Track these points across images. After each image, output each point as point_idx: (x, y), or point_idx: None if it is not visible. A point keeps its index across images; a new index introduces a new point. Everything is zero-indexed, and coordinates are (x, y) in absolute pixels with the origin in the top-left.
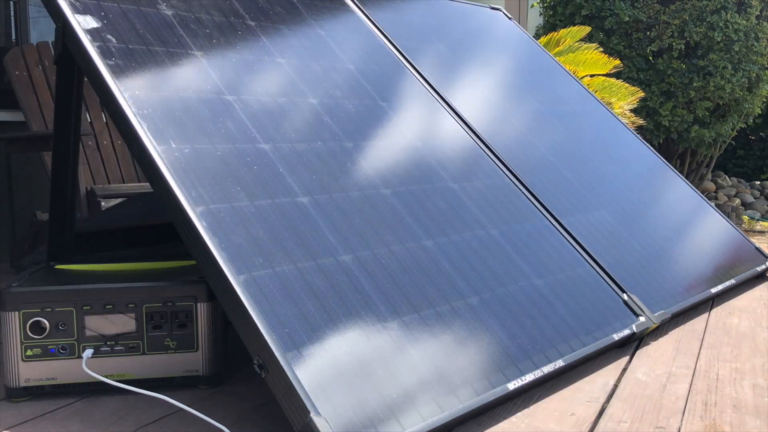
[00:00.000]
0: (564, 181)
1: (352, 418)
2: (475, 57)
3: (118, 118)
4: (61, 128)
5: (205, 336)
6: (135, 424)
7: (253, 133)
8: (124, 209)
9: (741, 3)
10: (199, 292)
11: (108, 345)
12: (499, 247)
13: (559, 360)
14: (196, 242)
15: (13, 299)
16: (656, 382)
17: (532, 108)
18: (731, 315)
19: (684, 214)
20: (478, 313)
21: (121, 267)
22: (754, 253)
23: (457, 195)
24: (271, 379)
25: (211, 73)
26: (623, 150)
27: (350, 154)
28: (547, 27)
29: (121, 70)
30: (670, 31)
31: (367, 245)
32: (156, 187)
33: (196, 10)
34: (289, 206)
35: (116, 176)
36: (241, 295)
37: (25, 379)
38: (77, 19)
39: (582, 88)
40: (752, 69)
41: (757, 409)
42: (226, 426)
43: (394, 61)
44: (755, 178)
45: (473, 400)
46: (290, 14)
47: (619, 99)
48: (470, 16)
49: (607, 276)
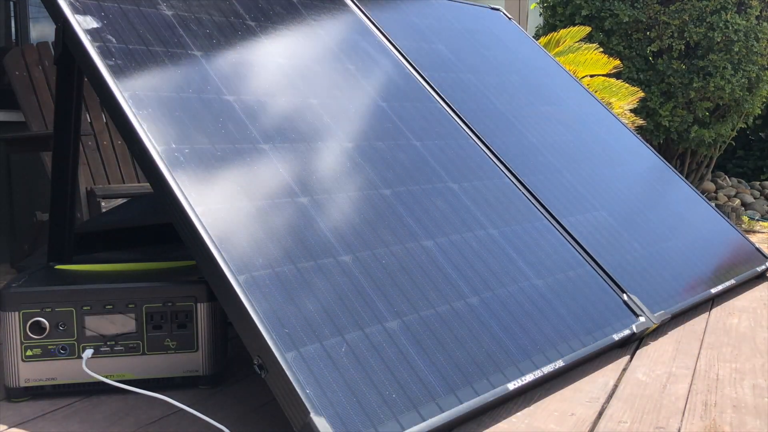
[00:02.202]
0: (564, 181)
1: (352, 418)
2: (475, 57)
3: (118, 118)
4: (61, 128)
5: (205, 336)
6: (135, 424)
7: (253, 133)
8: (124, 210)
9: (741, 3)
10: (199, 292)
11: (108, 345)
12: (499, 247)
13: (559, 360)
14: (196, 242)
15: (13, 299)
16: (656, 383)
17: (531, 108)
18: (731, 315)
19: (684, 214)
20: (478, 313)
21: (121, 267)
22: (754, 254)
23: (457, 195)
24: (270, 379)
25: (211, 74)
26: (623, 150)
27: (350, 154)
28: (547, 27)
29: (121, 70)
30: (670, 31)
31: (366, 245)
32: (156, 187)
33: (196, 10)
34: (290, 206)
35: (116, 176)
36: (241, 296)
37: (25, 379)
38: (77, 19)
39: (582, 89)
40: (752, 69)
41: (757, 409)
42: (226, 426)
43: (394, 61)
44: (755, 179)
45: (473, 400)
46: (290, 14)
47: (619, 99)
48: (470, 16)
49: (607, 276)
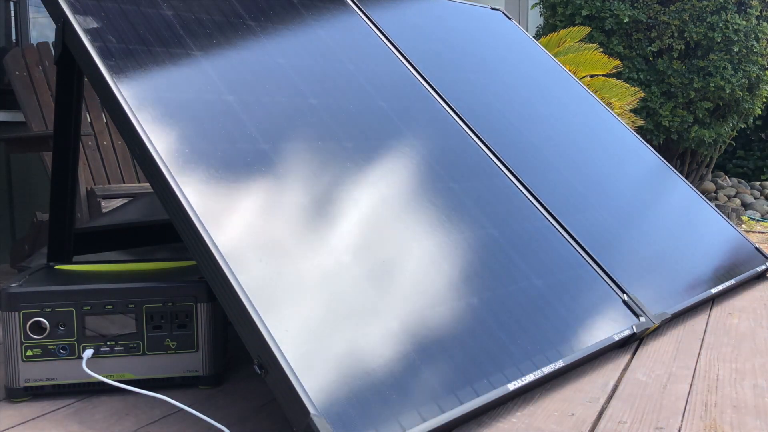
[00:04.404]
0: (564, 181)
1: (353, 418)
2: (475, 57)
3: (118, 119)
4: (61, 128)
5: (205, 336)
6: (135, 424)
7: (253, 133)
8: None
9: (741, 3)
10: (199, 292)
11: (108, 345)
12: (499, 247)
13: (560, 360)
14: (196, 242)
15: (13, 299)
16: (656, 383)
17: (531, 108)
18: (731, 315)
19: (684, 214)
20: (478, 314)
21: (121, 267)
22: (754, 254)
23: (457, 195)
24: (271, 379)
25: (211, 74)
26: (623, 150)
27: (350, 154)
28: (547, 27)
29: (121, 70)
30: (670, 31)
31: (366, 246)
32: (156, 187)
33: (196, 10)
34: (290, 206)
35: (116, 176)
36: (241, 296)
37: (25, 379)
38: (77, 19)
39: (582, 89)
40: (752, 69)
41: (757, 409)
42: (226, 426)
43: (394, 61)
44: (755, 179)
45: (473, 401)
46: (290, 14)
47: (619, 99)
48: (470, 16)
49: (607, 276)
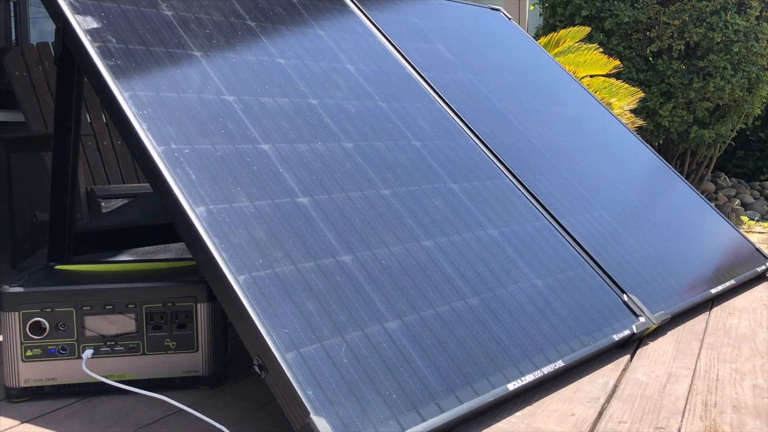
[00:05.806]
0: (564, 181)
1: (352, 418)
2: (475, 57)
3: (118, 119)
4: (61, 128)
5: (205, 336)
6: (135, 424)
7: (253, 133)
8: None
9: (741, 4)
10: (199, 292)
11: (108, 345)
12: (499, 247)
13: (559, 360)
14: (196, 242)
15: (13, 299)
16: (656, 383)
17: (531, 108)
18: (731, 315)
19: (684, 214)
20: (477, 314)
21: (121, 267)
22: (753, 254)
23: (457, 195)
24: (271, 379)
25: (211, 74)
26: (623, 150)
27: (350, 155)
28: (546, 27)
29: (121, 71)
30: (670, 31)
31: (366, 246)
32: (156, 187)
33: (196, 10)
34: (289, 207)
35: (116, 176)
36: (240, 296)
37: (24, 380)
38: (77, 19)
39: (581, 89)
40: (752, 70)
41: (757, 409)
42: (226, 426)
43: (394, 61)
44: (755, 179)
45: (473, 401)
46: (290, 15)
47: (619, 99)
48: (470, 16)
49: (606, 276)
